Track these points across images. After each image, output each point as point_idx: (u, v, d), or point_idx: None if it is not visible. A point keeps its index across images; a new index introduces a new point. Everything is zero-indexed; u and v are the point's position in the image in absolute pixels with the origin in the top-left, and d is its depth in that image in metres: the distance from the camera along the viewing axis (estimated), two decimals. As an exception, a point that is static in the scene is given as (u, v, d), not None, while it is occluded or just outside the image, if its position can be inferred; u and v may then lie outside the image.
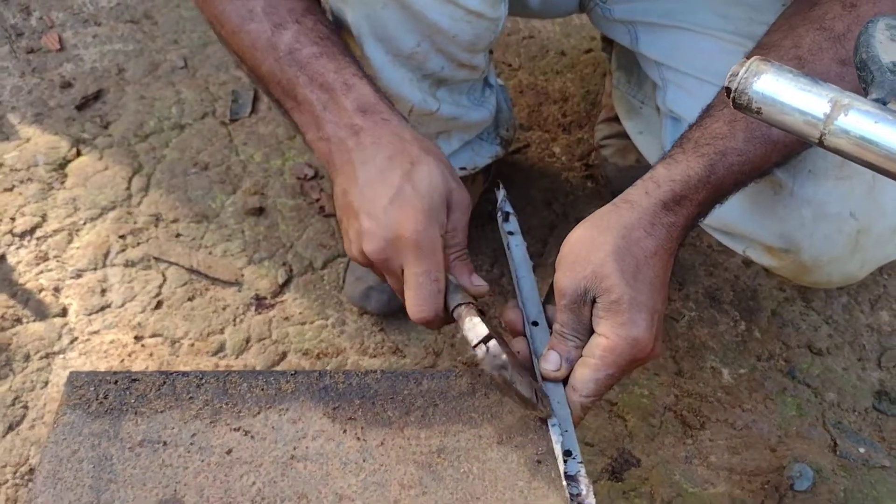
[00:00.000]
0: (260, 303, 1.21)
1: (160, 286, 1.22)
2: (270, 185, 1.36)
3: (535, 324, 0.77)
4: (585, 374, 0.69)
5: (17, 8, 1.64)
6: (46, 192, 1.33)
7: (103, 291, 1.21)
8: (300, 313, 1.21)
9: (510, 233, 0.87)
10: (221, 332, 1.18)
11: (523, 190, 1.38)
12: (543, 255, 1.29)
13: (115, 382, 0.73)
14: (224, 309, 1.20)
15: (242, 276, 1.25)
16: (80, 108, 1.47)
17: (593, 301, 0.70)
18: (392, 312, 1.22)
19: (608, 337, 0.68)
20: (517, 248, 0.85)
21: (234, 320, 1.19)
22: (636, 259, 0.70)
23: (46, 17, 1.63)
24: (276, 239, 1.30)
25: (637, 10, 1.04)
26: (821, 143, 0.48)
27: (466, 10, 0.89)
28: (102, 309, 1.19)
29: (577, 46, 1.60)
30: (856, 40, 0.54)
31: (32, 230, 1.27)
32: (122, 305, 1.20)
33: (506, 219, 0.87)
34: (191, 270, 1.24)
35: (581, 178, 1.40)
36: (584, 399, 0.69)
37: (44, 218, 1.29)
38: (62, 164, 1.37)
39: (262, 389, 0.74)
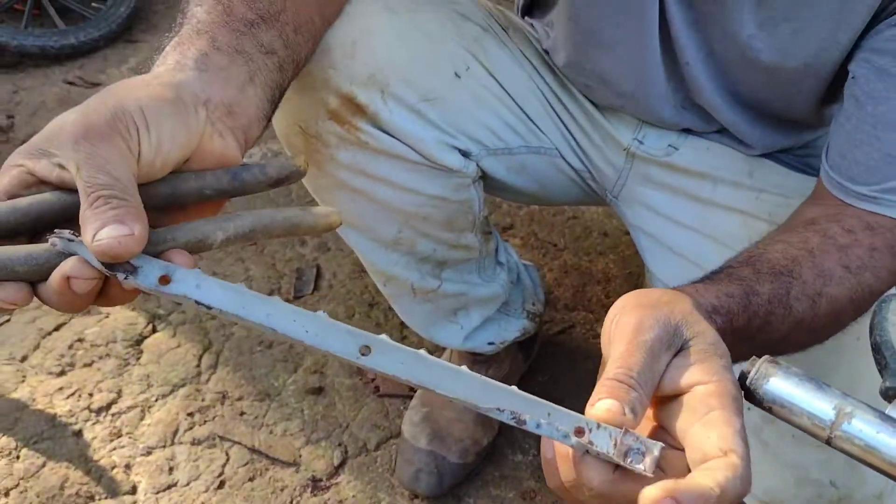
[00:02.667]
0: (316, 485, 1.27)
1: (223, 465, 1.29)
2: (329, 363, 1.45)
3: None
4: (727, 432, 0.47)
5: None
6: (123, 368, 1.43)
7: (171, 469, 1.28)
8: (354, 496, 1.26)
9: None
10: (278, 513, 1.24)
11: (569, 371, 1.43)
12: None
13: None
14: (282, 490, 1.26)
15: (300, 456, 1.31)
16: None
17: (678, 349, 0.53)
18: (443, 494, 1.26)
19: (718, 381, 0.50)
20: (214, 289, 0.51)
21: (292, 502, 1.25)
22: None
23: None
24: (332, 419, 1.37)
25: (642, 217, 1.04)
26: (829, 444, 0.53)
27: (427, 195, 0.95)
28: (169, 487, 1.26)
29: (618, 227, 1.69)
30: (870, 321, 0.60)
31: (108, 406, 1.37)
32: (188, 484, 1.27)
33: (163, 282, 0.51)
34: (252, 450, 1.31)
35: (624, 360, 1.45)
36: (743, 461, 0.47)
37: (119, 394, 1.39)
38: (138, 341, 1.48)
39: None
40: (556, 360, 1.45)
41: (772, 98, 0.89)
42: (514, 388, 0.50)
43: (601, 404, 0.49)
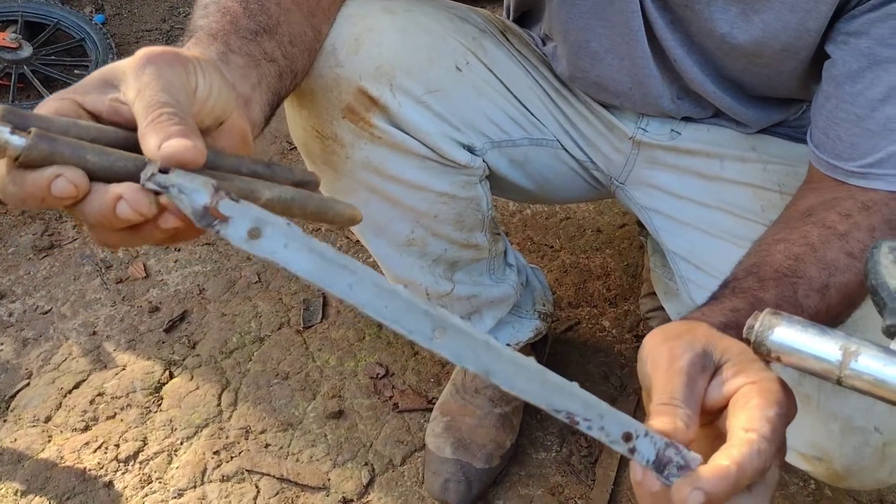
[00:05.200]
0: (348, 505, 1.29)
1: (255, 498, 1.31)
2: (346, 387, 1.47)
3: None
4: (754, 415, 0.52)
5: (105, 242, 1.84)
6: (145, 416, 1.45)
7: (204, 509, 1.30)
8: (386, 512, 1.28)
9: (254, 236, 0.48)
10: (315, 537, 1.26)
11: (580, 366, 1.46)
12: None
13: None
14: (315, 515, 1.28)
15: (329, 479, 1.33)
16: (168, 330, 1.62)
17: (713, 371, 0.57)
18: (472, 500, 1.28)
19: (756, 381, 0.55)
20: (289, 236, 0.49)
21: (326, 525, 1.27)
22: None
23: (131, 248, 1.82)
24: (356, 439, 1.39)
25: (653, 197, 1.09)
26: (839, 383, 0.56)
27: (437, 192, 0.99)
28: (205, 526, 1.28)
29: (611, 223, 1.73)
30: (864, 265, 0.63)
31: (135, 454, 1.39)
32: (222, 521, 1.29)
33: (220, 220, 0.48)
34: (281, 479, 1.33)
35: (633, 350, 1.49)
36: (763, 440, 0.51)
37: (145, 441, 1.41)
38: (157, 388, 1.50)
39: None
40: (566, 357, 1.49)
41: (758, 79, 0.93)
42: (576, 385, 0.52)
43: (653, 423, 0.52)
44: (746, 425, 0.52)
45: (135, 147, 0.51)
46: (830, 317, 0.74)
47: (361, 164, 0.96)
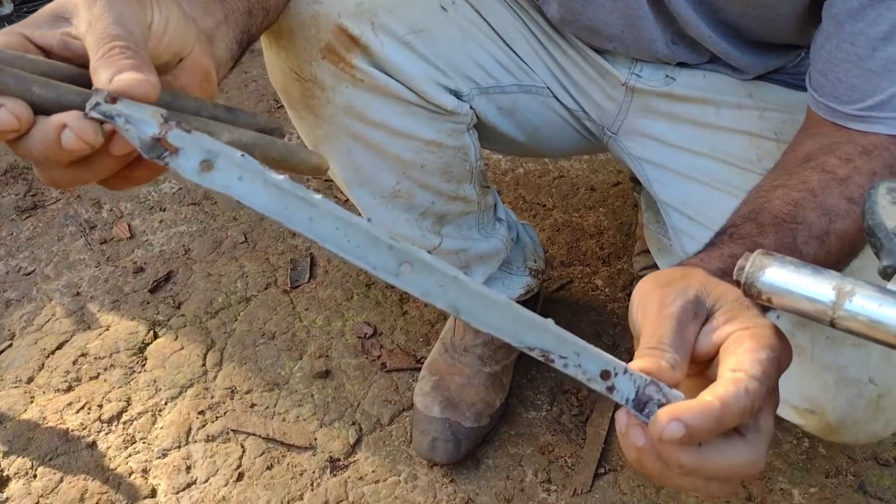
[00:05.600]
0: (334, 465, 1.27)
1: (240, 458, 1.29)
2: (334, 346, 1.45)
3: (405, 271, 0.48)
4: (745, 357, 0.50)
5: (89, 203, 1.80)
6: (129, 376, 1.43)
7: (188, 468, 1.28)
8: (373, 471, 1.26)
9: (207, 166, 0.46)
10: (301, 497, 1.24)
11: (572, 325, 1.43)
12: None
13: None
14: (301, 474, 1.26)
15: (315, 439, 1.31)
16: (152, 290, 1.59)
17: (704, 319, 0.54)
18: (461, 459, 1.26)
19: (749, 327, 0.53)
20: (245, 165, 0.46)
21: (312, 485, 1.25)
22: None
23: (115, 208, 1.79)
24: (343, 399, 1.37)
25: (646, 147, 1.05)
26: (833, 326, 0.53)
27: (423, 140, 0.96)
28: (188, 486, 1.26)
29: (605, 181, 1.69)
30: (861, 206, 0.60)
31: (119, 415, 1.37)
32: (207, 481, 1.26)
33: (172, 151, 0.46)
34: (267, 439, 1.31)
35: (626, 308, 1.45)
36: (753, 379, 0.48)
37: (128, 402, 1.39)
38: (141, 348, 1.47)
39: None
40: (558, 316, 1.46)
41: (755, 22, 0.89)
42: (550, 321, 0.50)
43: (636, 364, 0.50)
44: (734, 366, 0.50)
45: (87, 84, 0.49)
46: (830, 264, 0.71)
47: (343, 109, 0.93)
